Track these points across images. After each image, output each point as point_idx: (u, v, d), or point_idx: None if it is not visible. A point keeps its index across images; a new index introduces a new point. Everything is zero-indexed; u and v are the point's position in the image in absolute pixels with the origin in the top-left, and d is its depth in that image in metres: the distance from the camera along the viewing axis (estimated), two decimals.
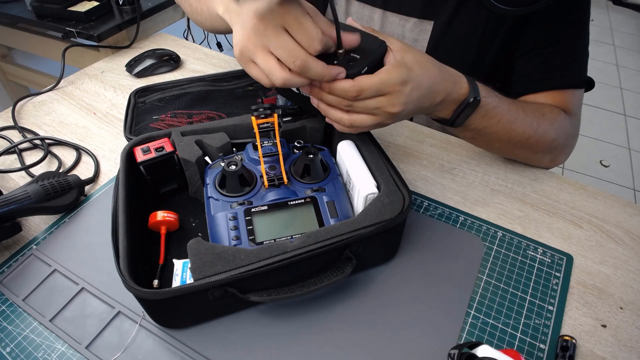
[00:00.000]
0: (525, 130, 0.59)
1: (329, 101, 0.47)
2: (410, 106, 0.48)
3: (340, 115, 0.48)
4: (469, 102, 0.52)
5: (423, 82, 0.48)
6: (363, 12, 0.71)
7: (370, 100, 0.46)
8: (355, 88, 0.45)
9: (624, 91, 2.49)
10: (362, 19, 0.71)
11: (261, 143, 0.54)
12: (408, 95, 0.47)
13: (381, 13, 0.69)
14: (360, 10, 0.71)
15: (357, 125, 0.49)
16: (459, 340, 0.45)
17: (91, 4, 1.14)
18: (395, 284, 0.50)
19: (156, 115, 0.70)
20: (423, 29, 0.68)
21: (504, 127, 0.57)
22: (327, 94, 0.47)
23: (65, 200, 0.56)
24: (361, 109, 0.47)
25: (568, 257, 0.53)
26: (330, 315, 0.47)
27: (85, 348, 0.44)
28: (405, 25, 0.68)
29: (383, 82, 0.45)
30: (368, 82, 0.45)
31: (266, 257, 0.42)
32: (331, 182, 0.52)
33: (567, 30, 0.62)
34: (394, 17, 0.69)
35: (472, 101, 0.52)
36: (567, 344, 0.44)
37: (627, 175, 1.94)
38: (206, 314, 0.46)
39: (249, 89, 0.78)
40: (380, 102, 0.46)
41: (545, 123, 0.60)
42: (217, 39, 2.47)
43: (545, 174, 0.65)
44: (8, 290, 0.49)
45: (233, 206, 0.48)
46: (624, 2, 3.37)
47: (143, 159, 0.53)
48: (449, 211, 0.59)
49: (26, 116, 0.75)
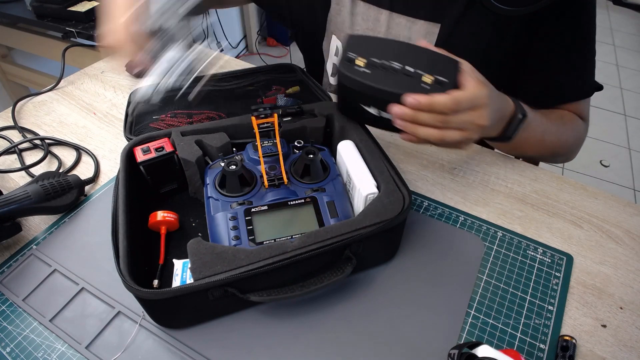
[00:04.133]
0: (552, 139, 0.65)
1: (424, 120, 0.48)
2: (493, 120, 0.51)
3: (431, 132, 0.49)
4: (520, 118, 0.56)
5: (496, 99, 0.52)
6: (369, 13, 0.71)
7: (463, 114, 0.48)
8: (454, 101, 0.47)
9: (624, 91, 2.49)
10: (368, 20, 0.71)
11: (261, 143, 0.54)
12: (492, 109, 0.50)
13: (388, 14, 0.69)
14: (366, 11, 0.71)
15: (448, 140, 0.50)
16: (459, 340, 0.45)
17: (91, 4, 1.14)
18: (395, 284, 0.50)
19: (156, 115, 0.70)
20: (430, 32, 0.67)
21: (538, 138, 0.63)
22: (424, 113, 0.48)
23: (65, 200, 0.56)
24: (455, 123, 0.48)
25: (568, 257, 0.53)
26: (330, 315, 0.47)
27: (85, 348, 0.44)
28: (412, 27, 0.68)
29: (475, 96, 0.48)
30: (464, 95, 0.47)
31: (266, 257, 0.42)
32: (331, 182, 0.52)
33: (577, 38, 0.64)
34: (400, 18, 0.68)
35: (522, 117, 0.57)
36: (567, 344, 0.44)
37: (627, 175, 1.94)
38: (206, 314, 0.46)
39: (249, 89, 0.78)
40: (472, 115, 0.49)
41: (567, 130, 0.67)
42: (217, 39, 2.47)
43: (545, 174, 0.65)
44: (8, 290, 0.49)
45: (233, 206, 0.48)
46: (624, 2, 3.37)
47: (143, 159, 0.53)
48: (449, 211, 0.59)
49: (26, 116, 0.76)
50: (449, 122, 0.48)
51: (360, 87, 0.50)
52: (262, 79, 0.81)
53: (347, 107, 0.51)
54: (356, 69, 0.49)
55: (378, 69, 0.49)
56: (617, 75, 2.64)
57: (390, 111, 0.49)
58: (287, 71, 0.83)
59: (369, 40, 0.52)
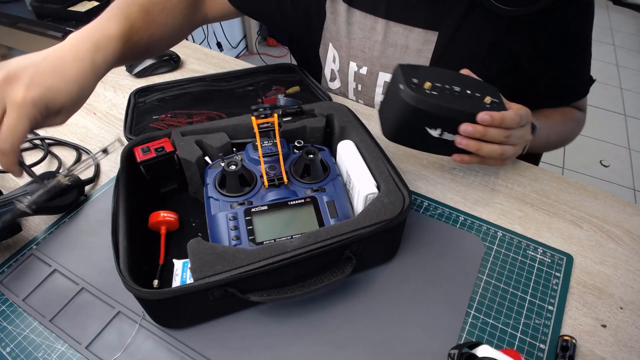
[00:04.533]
0: (556, 138, 0.71)
1: (492, 135, 0.52)
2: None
3: (495, 147, 0.53)
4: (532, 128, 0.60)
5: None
6: (365, 22, 0.70)
7: (520, 130, 0.54)
8: (519, 116, 0.52)
9: (624, 91, 2.49)
10: (365, 29, 0.70)
11: (261, 143, 0.54)
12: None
13: (384, 23, 0.68)
14: (362, 20, 0.70)
15: (506, 155, 0.55)
16: (459, 340, 0.45)
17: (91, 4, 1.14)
18: (395, 284, 0.50)
19: (156, 115, 0.70)
20: (427, 40, 0.67)
21: (543, 142, 0.68)
22: (493, 129, 0.52)
23: (65, 200, 0.56)
24: (513, 139, 0.54)
25: (568, 257, 0.53)
26: (330, 315, 0.47)
27: (85, 348, 0.44)
28: (409, 35, 0.67)
29: (527, 112, 0.55)
30: (521, 111, 0.53)
31: (266, 257, 0.42)
32: (331, 182, 0.52)
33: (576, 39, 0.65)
34: (397, 27, 0.68)
35: (534, 129, 0.60)
36: (567, 344, 0.44)
37: (627, 175, 1.94)
38: (206, 314, 0.46)
39: (249, 89, 0.78)
40: (523, 131, 0.55)
41: (568, 127, 0.73)
42: (217, 39, 2.47)
43: (545, 174, 0.65)
44: (8, 290, 0.49)
45: (233, 206, 0.48)
46: (624, 2, 3.37)
47: (143, 159, 0.53)
48: (449, 211, 0.59)
49: None
50: (511, 137, 0.53)
51: (435, 108, 0.51)
52: (262, 79, 0.81)
53: (405, 131, 0.52)
54: (427, 92, 0.51)
55: (444, 92, 0.52)
56: (617, 75, 2.64)
57: (461, 129, 0.52)
58: (287, 71, 0.84)
59: (418, 68, 0.54)
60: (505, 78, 0.68)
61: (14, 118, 0.37)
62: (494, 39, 0.64)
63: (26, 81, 0.37)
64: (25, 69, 0.38)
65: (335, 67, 0.78)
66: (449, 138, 0.54)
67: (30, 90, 0.38)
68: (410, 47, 0.68)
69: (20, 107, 0.37)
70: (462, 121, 0.52)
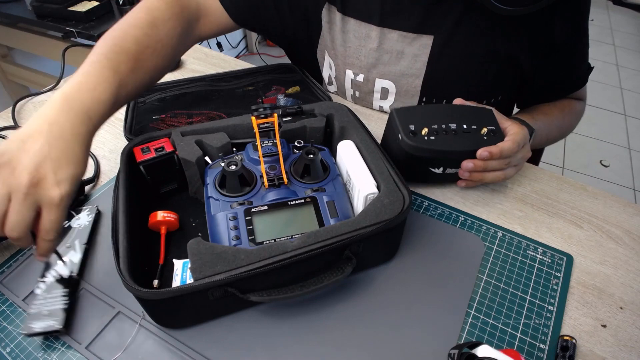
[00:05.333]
0: (555, 134, 0.74)
1: (492, 166, 0.56)
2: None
3: (497, 174, 0.57)
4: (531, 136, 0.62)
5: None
6: (360, 30, 0.70)
7: (519, 153, 0.57)
8: (515, 144, 0.55)
9: (624, 91, 2.49)
10: (360, 37, 0.70)
11: (261, 143, 0.54)
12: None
13: (379, 30, 0.68)
14: (357, 28, 0.70)
15: (509, 176, 0.58)
16: (459, 340, 0.45)
17: (91, 3, 1.14)
18: (395, 284, 0.50)
19: (156, 115, 0.70)
20: (423, 44, 0.66)
21: (543, 138, 0.70)
22: (494, 161, 0.55)
23: None
24: (514, 162, 0.57)
25: (568, 257, 0.53)
26: (330, 315, 0.47)
27: (85, 348, 0.44)
28: (405, 41, 0.67)
29: (524, 136, 0.57)
30: (518, 138, 0.55)
31: (266, 257, 0.42)
32: (331, 182, 0.52)
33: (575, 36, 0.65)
34: (392, 33, 0.68)
35: (532, 135, 0.63)
36: (567, 344, 0.44)
37: (627, 175, 1.94)
38: (206, 314, 0.46)
39: (249, 89, 0.78)
40: (522, 152, 0.58)
41: (567, 120, 0.74)
42: (217, 39, 2.47)
43: (545, 174, 0.65)
44: (8, 290, 0.49)
45: (233, 206, 0.48)
46: (624, 2, 3.37)
47: (143, 159, 0.53)
48: (449, 211, 0.59)
49: (26, 116, 0.75)
50: (511, 162, 0.56)
51: (434, 154, 0.55)
52: (262, 79, 0.81)
53: (408, 172, 0.54)
54: (425, 139, 0.54)
55: (440, 134, 0.55)
56: (617, 75, 2.64)
57: (463, 167, 0.56)
58: (287, 71, 0.83)
59: (412, 110, 0.57)
60: (503, 78, 0.68)
61: (56, 214, 0.41)
62: (490, 40, 0.64)
63: (53, 180, 0.40)
64: (43, 166, 0.40)
65: (332, 74, 0.78)
66: (452, 172, 0.58)
67: (62, 187, 0.41)
68: (405, 53, 0.68)
69: (59, 206, 0.41)
70: (463, 159, 0.55)
